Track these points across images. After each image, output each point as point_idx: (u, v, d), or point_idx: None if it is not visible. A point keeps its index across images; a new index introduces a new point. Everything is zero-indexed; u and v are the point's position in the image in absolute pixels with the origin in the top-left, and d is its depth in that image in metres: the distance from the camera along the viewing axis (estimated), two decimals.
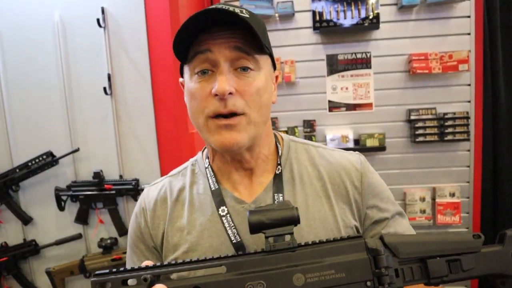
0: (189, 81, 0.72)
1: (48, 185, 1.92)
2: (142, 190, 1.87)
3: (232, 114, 0.69)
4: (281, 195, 0.75)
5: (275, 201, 0.75)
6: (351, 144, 2.41)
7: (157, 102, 1.88)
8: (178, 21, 1.79)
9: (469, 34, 2.34)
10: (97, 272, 0.53)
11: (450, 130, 2.37)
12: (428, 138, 2.39)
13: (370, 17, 2.33)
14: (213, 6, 0.67)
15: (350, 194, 0.77)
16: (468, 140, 2.38)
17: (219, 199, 0.76)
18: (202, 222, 0.75)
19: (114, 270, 0.53)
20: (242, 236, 0.72)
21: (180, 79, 0.80)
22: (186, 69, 0.74)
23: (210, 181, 0.79)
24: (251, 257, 0.55)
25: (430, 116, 2.39)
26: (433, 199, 2.46)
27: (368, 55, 2.41)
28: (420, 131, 2.38)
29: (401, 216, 0.81)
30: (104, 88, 1.83)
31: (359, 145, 2.41)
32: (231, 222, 0.73)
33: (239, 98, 0.69)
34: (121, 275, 0.53)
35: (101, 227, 1.95)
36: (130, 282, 0.54)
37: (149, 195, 0.83)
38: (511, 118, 2.42)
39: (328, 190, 0.77)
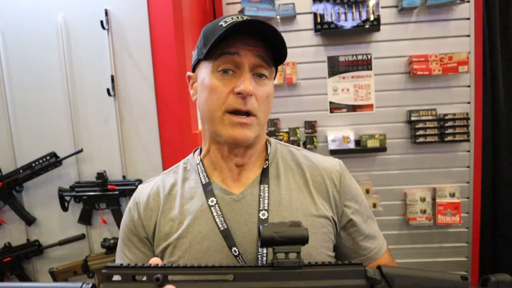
0: (209, 76, 0.78)
1: (51, 186, 1.93)
2: None
3: (247, 113, 0.76)
4: (267, 186, 0.82)
5: (261, 192, 0.81)
6: (352, 145, 2.42)
7: (160, 103, 1.90)
8: (181, 23, 1.81)
9: (468, 36, 2.36)
10: (108, 264, 0.55)
11: (450, 131, 2.38)
12: (428, 139, 2.40)
13: (371, 19, 2.35)
14: (253, 19, 0.74)
15: (330, 191, 0.84)
16: (468, 141, 2.40)
17: (208, 190, 0.82)
18: (192, 212, 0.80)
19: (126, 265, 0.55)
20: (229, 224, 0.78)
21: (189, 73, 0.87)
22: (205, 64, 0.79)
23: (201, 175, 0.85)
24: (260, 270, 0.58)
25: (430, 117, 2.40)
26: (434, 199, 2.48)
27: (369, 56, 2.43)
28: (421, 132, 2.40)
29: (372, 219, 0.90)
30: (108, 90, 1.84)
31: (360, 146, 2.43)
32: (219, 211, 0.79)
33: (255, 100, 0.76)
34: (132, 271, 0.54)
35: (104, 228, 1.96)
36: (139, 278, 0.55)
37: (142, 191, 0.88)
38: (510, 119, 2.43)
39: (310, 187, 0.84)
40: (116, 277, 0.54)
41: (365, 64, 2.43)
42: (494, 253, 2.56)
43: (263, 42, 0.76)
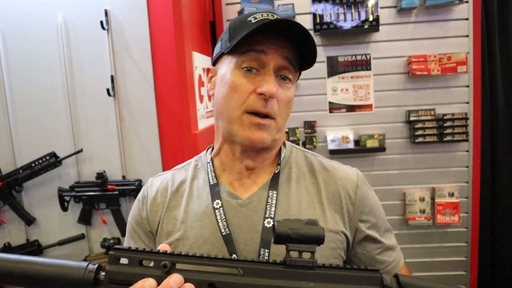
0: (232, 72, 0.74)
1: (51, 186, 1.93)
2: None
3: (267, 116, 0.73)
4: (275, 192, 0.78)
5: (269, 198, 0.77)
6: (351, 145, 2.43)
7: (159, 103, 1.90)
8: (181, 23, 1.81)
9: (467, 36, 2.37)
10: (116, 246, 0.54)
11: (449, 131, 2.39)
12: (428, 139, 2.41)
13: (370, 19, 2.35)
14: (285, 19, 0.70)
15: (343, 203, 0.79)
16: (467, 140, 2.41)
17: (215, 192, 0.79)
18: (197, 213, 0.78)
19: (134, 248, 0.54)
20: (232, 230, 0.75)
21: (210, 66, 0.83)
22: (228, 59, 0.76)
23: (210, 175, 0.82)
24: (272, 267, 0.55)
25: (429, 117, 2.41)
26: (433, 199, 2.48)
27: (368, 57, 2.43)
28: (420, 132, 2.41)
29: (390, 232, 0.85)
30: (107, 90, 1.84)
31: (359, 146, 2.44)
32: (223, 215, 0.76)
33: (276, 103, 0.73)
34: (140, 255, 0.53)
35: (104, 228, 1.96)
36: (146, 264, 0.54)
37: (152, 185, 0.87)
38: (508, 118, 2.44)
39: (322, 197, 0.79)
40: (123, 260, 0.53)
41: (364, 64, 2.44)
42: (493, 253, 2.57)
43: (291, 44, 0.73)
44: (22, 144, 1.93)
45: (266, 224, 0.74)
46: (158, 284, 0.51)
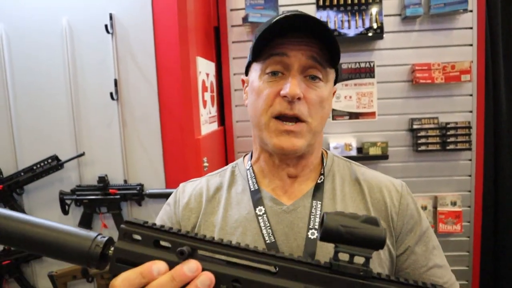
0: (258, 79, 0.74)
1: (52, 189, 1.93)
2: (147, 195, 1.89)
3: (295, 119, 0.70)
4: (320, 202, 0.75)
5: (313, 208, 0.73)
6: (354, 152, 2.42)
7: (162, 108, 1.90)
8: (185, 28, 1.81)
9: (471, 45, 2.37)
10: (130, 219, 0.46)
11: (452, 139, 2.38)
12: (430, 147, 2.40)
13: (374, 27, 2.35)
14: (298, 13, 0.68)
15: (389, 211, 0.76)
16: (470, 149, 2.40)
17: (257, 198, 0.76)
18: (237, 219, 0.75)
19: (150, 224, 0.45)
20: (277, 238, 0.71)
21: (243, 77, 0.83)
22: (255, 67, 0.75)
23: (250, 182, 0.79)
24: (313, 269, 0.45)
25: (432, 126, 2.40)
26: (435, 207, 2.47)
27: (372, 64, 2.43)
28: (423, 140, 2.40)
29: (438, 250, 0.78)
30: (111, 93, 1.84)
31: (362, 153, 2.43)
32: (267, 222, 0.73)
33: (304, 104, 0.70)
34: (156, 234, 0.45)
35: (105, 232, 1.95)
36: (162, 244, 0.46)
37: (184, 190, 0.84)
38: None
39: (368, 203, 0.76)
40: (136, 237, 0.45)
41: (368, 72, 2.44)
42: (495, 262, 2.55)
43: (317, 40, 0.70)
44: (24, 146, 1.93)
45: (310, 236, 0.71)
46: (170, 269, 0.44)
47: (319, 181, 0.78)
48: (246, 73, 0.81)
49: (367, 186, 0.78)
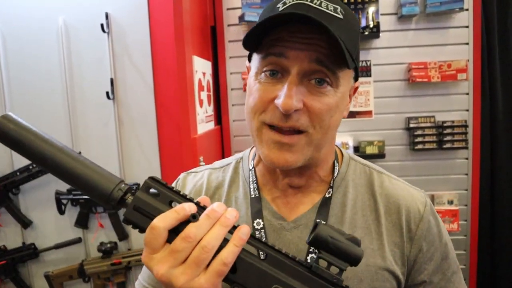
0: (254, 76, 0.64)
1: (48, 189, 1.92)
2: None
3: (292, 131, 0.60)
4: (324, 223, 0.70)
5: None
6: (350, 151, 2.42)
7: (159, 107, 1.89)
8: (181, 27, 1.81)
9: (467, 44, 2.37)
10: (153, 177, 0.51)
11: (448, 138, 2.39)
12: (427, 146, 2.41)
13: (371, 26, 2.36)
14: (300, 1, 0.57)
15: (404, 237, 0.68)
16: (466, 148, 2.40)
17: (256, 209, 0.69)
18: None
19: (170, 186, 0.51)
20: None
21: (247, 63, 0.71)
22: (255, 57, 0.64)
23: (251, 186, 0.72)
24: (295, 265, 0.51)
25: (429, 124, 2.41)
26: None
27: (368, 63, 2.43)
28: (419, 139, 2.40)
29: (457, 275, 0.73)
30: (107, 93, 1.84)
31: (359, 152, 2.43)
32: (264, 239, 0.66)
33: (305, 114, 0.59)
34: (172, 195, 0.50)
35: (101, 231, 1.95)
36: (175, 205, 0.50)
37: (185, 184, 0.79)
38: (508, 126, 2.44)
39: (381, 226, 0.68)
40: (155, 192, 0.50)
41: (365, 71, 2.44)
42: (492, 261, 2.56)
43: (326, 36, 0.56)
44: None
45: (309, 260, 0.63)
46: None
47: (327, 195, 0.69)
48: (249, 59, 0.70)
49: (383, 204, 0.69)
